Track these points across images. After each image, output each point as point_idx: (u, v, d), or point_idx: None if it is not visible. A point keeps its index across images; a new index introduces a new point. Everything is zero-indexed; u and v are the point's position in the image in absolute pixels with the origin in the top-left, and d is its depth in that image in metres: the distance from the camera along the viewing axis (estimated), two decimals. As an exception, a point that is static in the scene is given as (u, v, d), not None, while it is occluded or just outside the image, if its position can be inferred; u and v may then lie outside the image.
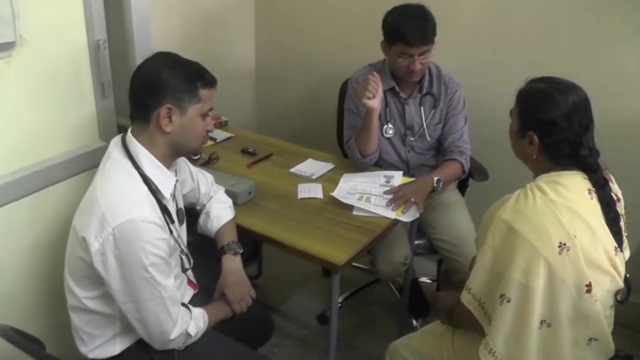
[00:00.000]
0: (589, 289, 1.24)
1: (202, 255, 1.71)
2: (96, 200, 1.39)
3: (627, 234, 1.36)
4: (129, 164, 1.44)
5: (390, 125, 2.21)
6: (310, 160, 2.27)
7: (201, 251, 1.72)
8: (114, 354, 1.52)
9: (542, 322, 1.25)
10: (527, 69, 2.33)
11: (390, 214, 1.87)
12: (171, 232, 1.49)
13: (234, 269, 1.71)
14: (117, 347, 1.52)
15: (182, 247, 1.59)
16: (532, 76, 1.40)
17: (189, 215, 1.70)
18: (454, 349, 1.54)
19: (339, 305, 2.34)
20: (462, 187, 2.43)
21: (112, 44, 1.79)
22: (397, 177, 2.10)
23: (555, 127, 1.31)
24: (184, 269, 1.62)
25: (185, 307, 1.52)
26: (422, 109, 2.20)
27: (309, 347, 2.43)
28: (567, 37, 2.30)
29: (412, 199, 1.92)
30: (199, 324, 1.53)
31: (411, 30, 1.97)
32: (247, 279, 1.73)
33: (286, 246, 1.73)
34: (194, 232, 1.78)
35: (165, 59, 1.48)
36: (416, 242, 2.24)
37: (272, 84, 3.30)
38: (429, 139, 2.22)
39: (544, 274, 1.22)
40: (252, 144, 2.41)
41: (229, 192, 1.89)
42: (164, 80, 1.42)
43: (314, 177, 2.13)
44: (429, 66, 2.15)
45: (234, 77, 3.14)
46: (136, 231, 1.35)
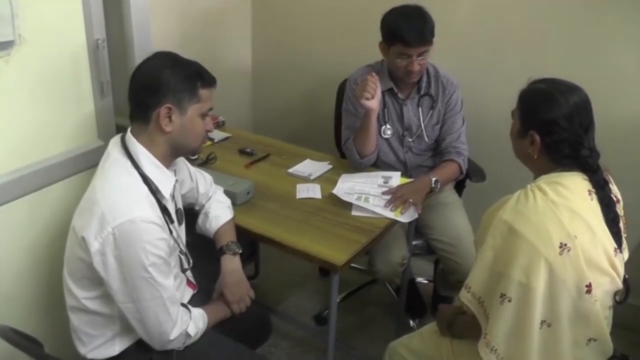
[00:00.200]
0: (589, 289, 1.24)
1: (200, 255, 1.71)
2: (96, 200, 1.38)
3: (626, 235, 1.37)
4: (128, 164, 1.44)
5: (388, 126, 2.21)
6: (308, 160, 2.27)
7: (199, 251, 1.71)
8: (113, 354, 1.51)
9: (543, 322, 1.26)
10: (525, 70, 2.33)
11: (388, 214, 1.88)
12: (171, 232, 1.49)
13: (233, 269, 1.71)
14: (116, 347, 1.51)
15: (181, 247, 1.59)
16: (534, 77, 1.41)
17: (187, 215, 1.70)
18: (454, 349, 1.55)
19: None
20: (459, 187, 2.43)
21: (111, 44, 1.79)
22: (395, 178, 2.10)
23: (556, 126, 1.31)
24: (183, 269, 1.61)
25: (184, 307, 1.52)
26: (420, 109, 2.20)
27: (307, 347, 2.43)
28: (565, 38, 2.31)
29: (411, 200, 1.93)
30: (198, 324, 1.53)
31: (410, 31, 1.97)
32: (246, 279, 1.73)
33: (285, 246, 1.73)
34: (192, 232, 1.78)
35: (165, 59, 1.48)
36: (414, 243, 2.24)
37: (268, 84, 3.29)
38: (426, 139, 2.23)
39: (544, 274, 1.22)
40: (249, 144, 2.41)
41: (228, 192, 1.89)
42: (164, 80, 1.42)
43: (312, 177, 2.13)
44: (427, 67, 2.15)
45: (230, 77, 3.13)
46: (136, 231, 1.34)
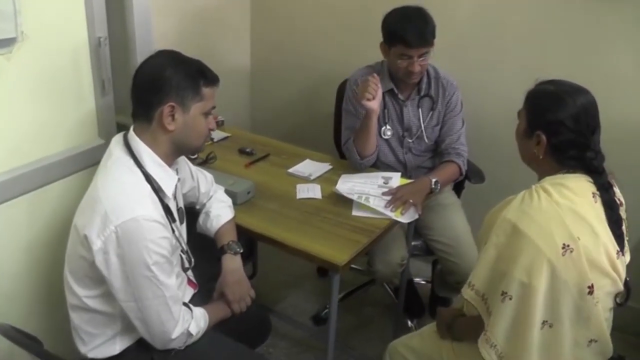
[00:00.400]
0: (590, 290, 1.25)
1: (200, 254, 1.71)
2: (98, 198, 1.38)
3: (628, 238, 1.38)
4: (131, 162, 1.44)
5: (388, 126, 2.21)
6: (307, 160, 2.27)
7: (199, 251, 1.71)
8: (114, 353, 1.50)
9: (544, 322, 1.26)
10: (524, 71, 2.39)
11: (389, 215, 1.88)
12: (173, 231, 1.48)
13: (234, 269, 1.70)
14: (117, 346, 1.50)
15: (182, 246, 1.58)
16: (541, 78, 1.42)
17: (187, 214, 1.69)
18: (454, 349, 1.55)
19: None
20: (458, 189, 2.44)
21: (112, 42, 1.78)
22: (395, 178, 2.10)
23: (563, 127, 1.32)
24: (184, 268, 1.61)
25: (186, 306, 1.52)
26: (420, 110, 2.21)
27: (305, 347, 2.42)
28: (564, 40, 2.32)
29: (411, 200, 1.93)
30: (199, 323, 1.52)
31: (411, 32, 1.98)
32: (247, 278, 1.72)
33: (287, 246, 1.73)
34: (190, 232, 1.77)
35: (168, 57, 1.48)
36: (412, 244, 2.24)
37: (267, 83, 3.28)
38: (426, 140, 2.23)
39: (546, 275, 1.23)
40: (249, 143, 2.41)
41: (228, 191, 1.89)
42: (167, 78, 1.42)
43: (312, 177, 2.13)
44: (427, 68, 2.16)
45: (229, 76, 3.09)
46: (139, 230, 1.34)
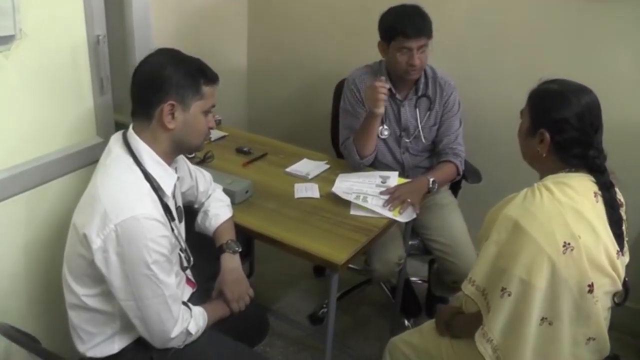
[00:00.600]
0: (590, 289, 1.26)
1: (198, 253, 1.70)
2: (97, 196, 1.37)
3: (627, 239, 1.39)
4: (130, 160, 1.43)
5: (385, 126, 2.21)
6: (305, 160, 2.27)
7: (197, 250, 1.71)
8: (113, 352, 1.50)
9: (544, 319, 1.27)
10: (521, 71, 2.40)
11: (387, 214, 1.88)
12: (172, 230, 1.48)
13: (232, 268, 1.70)
14: (115, 345, 1.50)
15: (182, 245, 1.58)
16: (545, 78, 1.43)
17: (185, 213, 1.69)
18: (453, 346, 1.56)
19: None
20: (455, 188, 2.45)
21: (111, 40, 1.77)
22: (393, 178, 2.10)
23: (567, 124, 1.33)
24: (183, 267, 1.60)
25: (185, 305, 1.51)
26: (417, 110, 2.21)
27: (302, 346, 2.42)
28: (562, 39, 2.33)
29: (409, 200, 1.94)
30: (199, 322, 1.52)
31: (409, 23, 2.01)
32: (246, 277, 1.72)
33: (285, 245, 1.74)
34: (189, 231, 1.77)
35: (167, 55, 1.48)
36: (410, 243, 2.25)
37: (264, 82, 3.28)
38: (424, 140, 2.23)
39: (547, 273, 1.24)
40: (246, 143, 2.41)
41: (227, 190, 1.89)
42: (167, 76, 1.42)
43: (309, 176, 2.13)
44: (425, 68, 2.17)
45: (225, 75, 3.08)
46: (139, 228, 1.34)
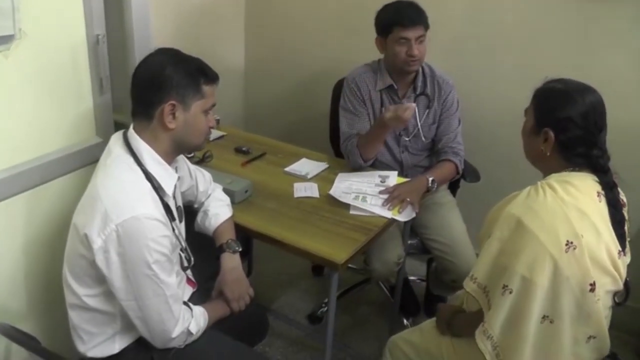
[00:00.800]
0: (592, 288, 1.26)
1: (198, 253, 1.70)
2: (98, 196, 1.37)
3: (629, 239, 1.39)
4: (131, 160, 1.43)
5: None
6: (304, 159, 2.28)
7: (197, 249, 1.70)
8: (113, 352, 1.50)
9: (545, 317, 1.28)
10: (519, 70, 2.40)
11: (386, 214, 1.89)
12: (173, 230, 1.48)
13: (232, 267, 1.70)
14: (116, 345, 1.50)
15: (182, 245, 1.58)
16: (550, 77, 1.43)
17: (185, 213, 1.69)
18: (453, 344, 1.57)
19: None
20: (454, 187, 2.45)
21: (110, 40, 1.77)
22: (392, 177, 2.11)
23: (571, 123, 1.33)
24: (184, 267, 1.60)
25: (186, 305, 1.51)
26: (416, 109, 2.21)
27: (301, 346, 2.43)
28: (559, 38, 2.33)
29: (408, 199, 1.94)
30: (199, 322, 1.52)
31: (406, 12, 2.04)
32: (246, 277, 1.72)
33: (285, 245, 1.74)
34: (189, 230, 1.77)
35: (168, 55, 1.47)
36: (408, 242, 2.25)
37: (261, 82, 3.28)
38: (423, 139, 2.24)
39: (549, 271, 1.24)
40: (245, 142, 2.41)
41: (226, 190, 1.89)
42: (168, 76, 1.41)
43: (309, 176, 2.14)
44: (422, 67, 2.17)
45: (223, 74, 3.09)
46: (140, 228, 1.34)
